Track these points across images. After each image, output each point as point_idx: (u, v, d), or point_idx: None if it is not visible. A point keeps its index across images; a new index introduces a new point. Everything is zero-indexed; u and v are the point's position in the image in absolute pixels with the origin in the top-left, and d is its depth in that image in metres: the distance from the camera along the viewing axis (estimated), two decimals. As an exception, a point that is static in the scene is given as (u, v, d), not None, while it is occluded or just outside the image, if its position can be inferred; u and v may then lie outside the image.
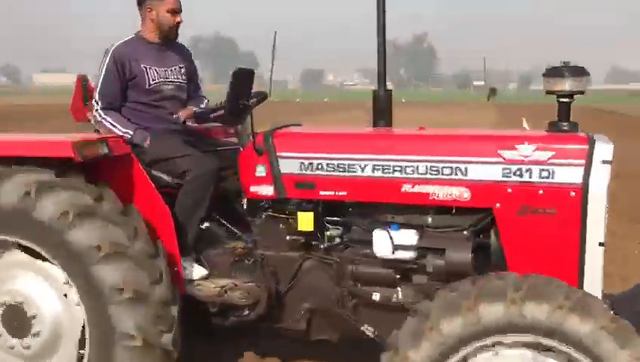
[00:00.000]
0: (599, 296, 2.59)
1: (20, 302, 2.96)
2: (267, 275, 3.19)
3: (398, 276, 2.97)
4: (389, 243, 2.89)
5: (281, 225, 3.19)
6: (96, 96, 3.44)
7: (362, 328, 3.07)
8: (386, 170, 2.93)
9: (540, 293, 2.28)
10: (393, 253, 2.89)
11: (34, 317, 2.95)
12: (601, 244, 2.64)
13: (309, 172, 3.05)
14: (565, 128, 2.88)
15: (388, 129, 3.58)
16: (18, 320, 2.96)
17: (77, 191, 2.87)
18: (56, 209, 2.79)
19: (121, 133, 3.35)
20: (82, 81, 3.70)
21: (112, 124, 3.39)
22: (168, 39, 3.61)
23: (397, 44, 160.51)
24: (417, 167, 2.87)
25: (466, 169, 2.81)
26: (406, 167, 2.89)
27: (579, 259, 2.66)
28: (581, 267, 2.66)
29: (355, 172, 2.98)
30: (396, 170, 2.91)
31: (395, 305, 2.98)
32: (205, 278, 3.26)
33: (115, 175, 3.14)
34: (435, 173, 2.85)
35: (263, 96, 3.45)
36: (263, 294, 3.15)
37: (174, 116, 3.53)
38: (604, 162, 2.62)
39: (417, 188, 2.88)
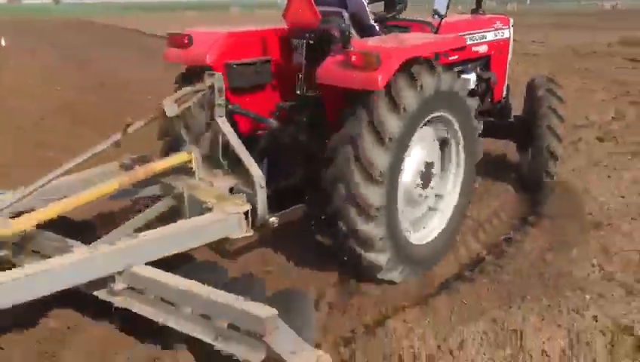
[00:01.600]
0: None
1: (431, 163, 4.06)
2: None
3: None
4: (471, 80, 5.48)
5: None
6: None
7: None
8: (468, 39, 5.40)
9: None
10: (472, 85, 5.50)
11: (435, 175, 4.13)
12: (509, 62, 6.16)
13: None
14: (482, 13, 6.05)
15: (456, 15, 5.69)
16: (426, 176, 4.07)
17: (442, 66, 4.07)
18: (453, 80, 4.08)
19: None
20: None
21: None
22: None
23: None
24: (475, 36, 5.50)
25: (486, 35, 5.67)
26: (474, 36, 5.46)
27: (506, 69, 6.12)
28: (506, 72, 6.14)
29: None
30: (471, 40, 5.43)
31: None
32: None
33: None
34: (479, 38, 5.57)
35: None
36: None
37: None
38: (512, 25, 6.07)
39: (476, 48, 5.54)
